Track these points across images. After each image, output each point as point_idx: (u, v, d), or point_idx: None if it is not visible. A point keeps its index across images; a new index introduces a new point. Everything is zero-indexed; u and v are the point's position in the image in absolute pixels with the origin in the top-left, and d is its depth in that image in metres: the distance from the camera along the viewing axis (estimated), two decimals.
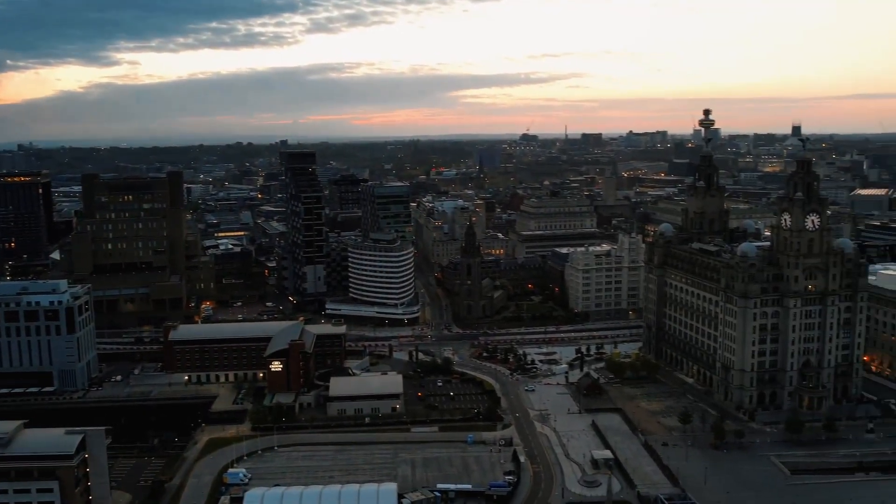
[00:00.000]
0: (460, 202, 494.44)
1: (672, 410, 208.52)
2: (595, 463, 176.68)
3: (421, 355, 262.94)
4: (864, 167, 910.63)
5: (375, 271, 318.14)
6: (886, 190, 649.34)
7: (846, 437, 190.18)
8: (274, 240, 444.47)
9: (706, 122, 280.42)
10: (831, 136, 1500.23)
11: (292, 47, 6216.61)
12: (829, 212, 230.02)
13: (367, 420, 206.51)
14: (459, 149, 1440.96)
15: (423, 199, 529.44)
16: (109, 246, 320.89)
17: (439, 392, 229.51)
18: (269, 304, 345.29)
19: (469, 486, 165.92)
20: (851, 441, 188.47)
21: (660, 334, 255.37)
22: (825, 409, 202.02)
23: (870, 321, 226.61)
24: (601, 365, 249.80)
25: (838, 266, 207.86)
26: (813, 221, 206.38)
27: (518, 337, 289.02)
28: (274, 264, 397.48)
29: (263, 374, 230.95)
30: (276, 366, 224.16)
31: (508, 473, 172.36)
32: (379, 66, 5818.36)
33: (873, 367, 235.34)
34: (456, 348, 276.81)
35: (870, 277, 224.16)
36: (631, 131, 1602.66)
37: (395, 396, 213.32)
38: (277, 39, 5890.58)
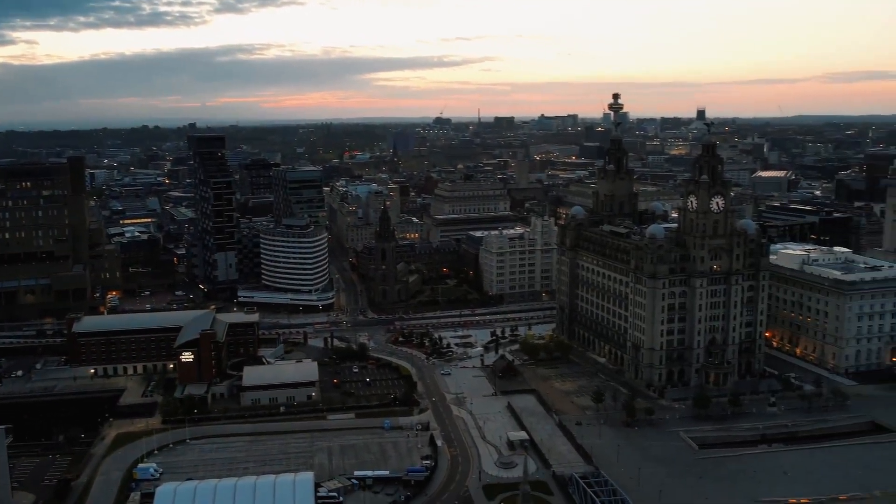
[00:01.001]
0: (374, 186, 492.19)
1: (585, 390, 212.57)
2: (511, 444, 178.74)
3: (336, 342, 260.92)
4: (765, 150, 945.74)
5: (289, 257, 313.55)
6: (785, 172, 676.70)
7: (750, 410, 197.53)
8: (183, 226, 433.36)
9: (615, 106, 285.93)
10: (734, 120, 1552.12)
11: (200, 28, 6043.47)
12: (732, 193, 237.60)
13: (282, 409, 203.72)
14: (373, 132, 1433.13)
15: (337, 184, 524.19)
16: (7, 235, 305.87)
17: (355, 378, 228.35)
18: (178, 292, 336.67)
19: (387, 473, 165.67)
20: (755, 414, 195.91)
21: (572, 315, 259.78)
22: (730, 385, 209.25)
23: (771, 299, 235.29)
24: (516, 347, 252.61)
25: (741, 246, 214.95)
26: (717, 203, 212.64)
27: (434, 321, 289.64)
28: (183, 252, 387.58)
29: (174, 365, 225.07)
30: (187, 356, 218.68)
31: (426, 458, 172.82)
32: (290, 48, 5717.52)
33: (774, 343, 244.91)
34: (371, 334, 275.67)
35: (771, 257, 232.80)
36: (543, 115, 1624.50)
37: (310, 384, 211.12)
38: (184, 19, 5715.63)
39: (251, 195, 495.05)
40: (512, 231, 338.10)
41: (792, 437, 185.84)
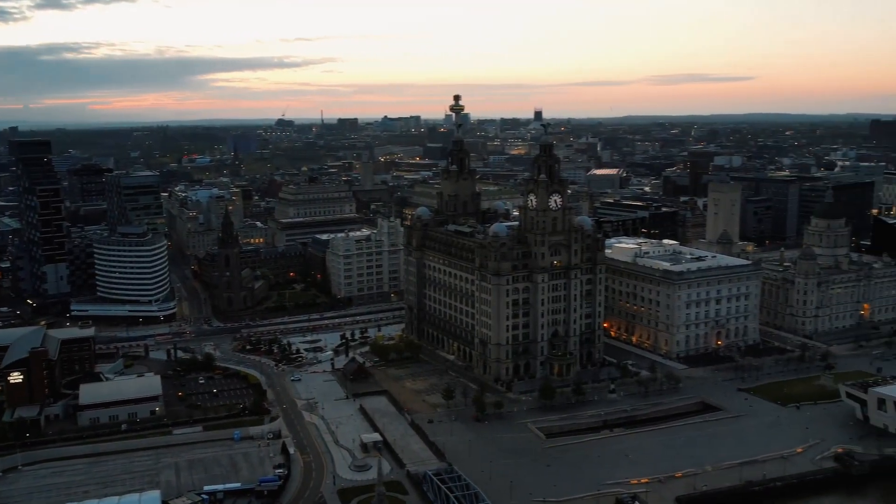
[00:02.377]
0: (215, 191, 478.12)
1: (436, 388, 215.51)
2: (365, 447, 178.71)
3: (180, 353, 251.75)
4: (598, 149, 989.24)
5: (126, 267, 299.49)
6: (617, 170, 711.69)
7: (592, 398, 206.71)
8: (6, 238, 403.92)
9: (457, 107, 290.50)
10: (569, 121, 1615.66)
11: (20, 24, 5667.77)
12: (569, 191, 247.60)
13: (123, 427, 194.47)
14: (212, 135, 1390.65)
15: (176, 189, 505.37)
16: None
17: (202, 390, 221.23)
18: (3, 308, 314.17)
19: (238, 485, 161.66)
20: (597, 402, 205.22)
21: (421, 315, 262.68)
22: (573, 375, 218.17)
23: (608, 291, 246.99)
24: (366, 349, 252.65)
25: (579, 242, 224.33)
26: (556, 201, 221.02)
27: (282, 326, 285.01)
28: (8, 265, 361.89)
29: (1, 387, 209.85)
30: (16, 377, 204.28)
31: (278, 467, 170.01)
32: (121, 47, 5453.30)
33: (612, 333, 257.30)
34: (217, 343, 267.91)
35: (606, 251, 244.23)
36: (386, 116, 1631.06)
37: (153, 399, 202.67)
38: (2, 15, 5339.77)
39: (82, 203, 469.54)
40: (358, 233, 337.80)
41: (631, 420, 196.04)
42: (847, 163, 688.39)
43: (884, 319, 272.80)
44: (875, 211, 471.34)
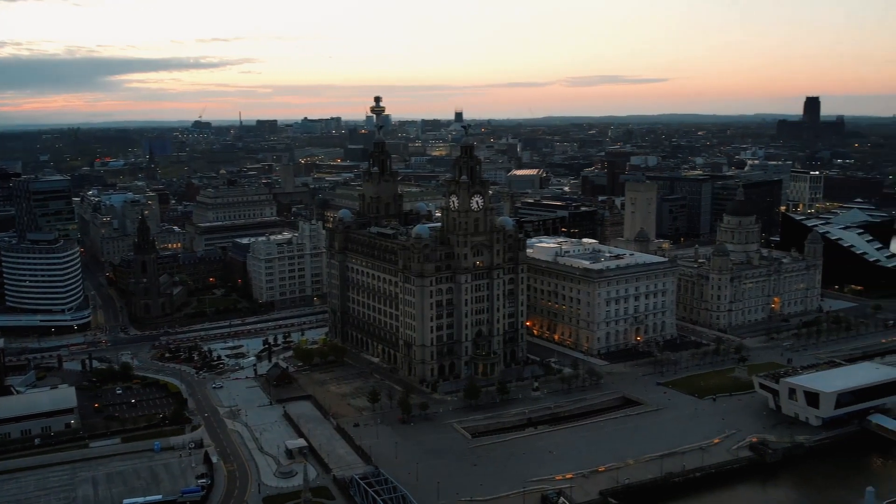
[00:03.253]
0: (130, 195, 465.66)
1: (361, 391, 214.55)
2: (290, 453, 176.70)
3: (96, 363, 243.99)
4: (518, 149, 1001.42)
5: (36, 276, 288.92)
6: (537, 170, 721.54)
7: (517, 396, 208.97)
8: None
9: (377, 108, 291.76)
10: (489, 122, 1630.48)
11: None
12: (490, 192, 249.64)
13: (36, 441, 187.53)
14: (127, 137, 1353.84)
15: (88, 193, 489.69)
16: None
17: (119, 401, 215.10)
18: None
19: (159, 497, 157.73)
20: (521, 400, 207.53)
21: (345, 318, 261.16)
22: (497, 374, 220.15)
23: (530, 290, 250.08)
24: (290, 354, 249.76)
25: (501, 242, 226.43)
26: (477, 202, 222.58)
27: (202, 333, 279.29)
28: None
29: None
30: None
31: (201, 477, 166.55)
32: (28, 47, 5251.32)
33: (535, 331, 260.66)
34: (135, 351, 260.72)
35: (528, 250, 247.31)
36: (306, 118, 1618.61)
37: (67, 411, 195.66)
38: None
39: None
40: (280, 236, 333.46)
41: (555, 417, 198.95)
42: (756, 162, 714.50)
43: (793, 312, 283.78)
44: (783, 208, 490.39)
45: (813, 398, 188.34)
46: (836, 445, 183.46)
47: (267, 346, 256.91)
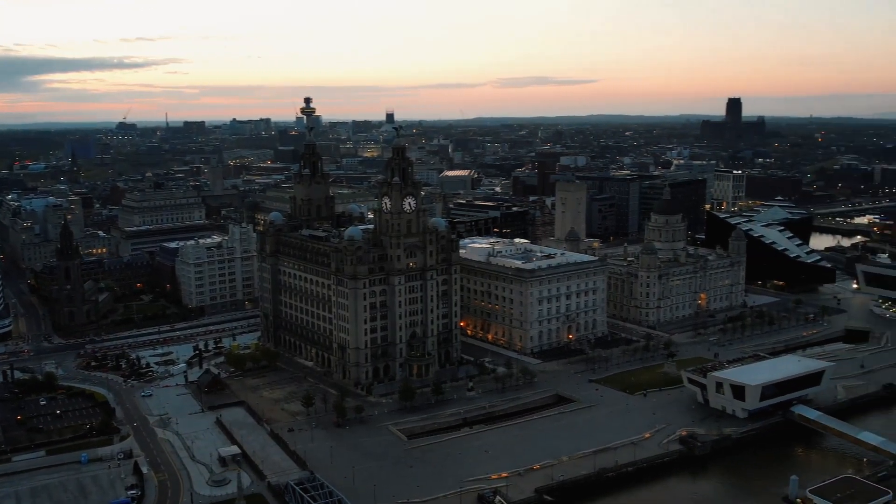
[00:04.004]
0: (52, 199, 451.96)
1: (295, 396, 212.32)
2: (223, 460, 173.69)
3: (18, 373, 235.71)
4: (450, 150, 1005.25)
5: None
6: (469, 171, 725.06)
7: (452, 397, 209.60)
8: None
9: (308, 109, 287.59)
10: (420, 123, 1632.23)
11: None
12: (423, 193, 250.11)
13: None
14: (48, 139, 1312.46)
15: (7, 198, 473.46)
16: None
17: (43, 412, 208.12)
18: None
19: None
20: (456, 400, 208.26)
21: (277, 322, 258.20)
22: (432, 375, 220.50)
23: (463, 290, 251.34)
24: (221, 360, 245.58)
25: (434, 243, 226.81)
26: (410, 204, 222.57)
27: (130, 340, 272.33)
28: None
29: None
30: None
31: (131, 488, 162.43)
32: None
33: (469, 331, 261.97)
34: (59, 361, 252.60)
35: (460, 251, 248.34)
36: (235, 119, 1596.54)
37: None
38: None
39: None
40: (209, 240, 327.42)
41: (490, 417, 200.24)
42: (681, 161, 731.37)
43: (718, 308, 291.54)
44: (707, 206, 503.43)
45: (739, 391, 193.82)
46: (761, 436, 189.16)
47: (197, 352, 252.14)
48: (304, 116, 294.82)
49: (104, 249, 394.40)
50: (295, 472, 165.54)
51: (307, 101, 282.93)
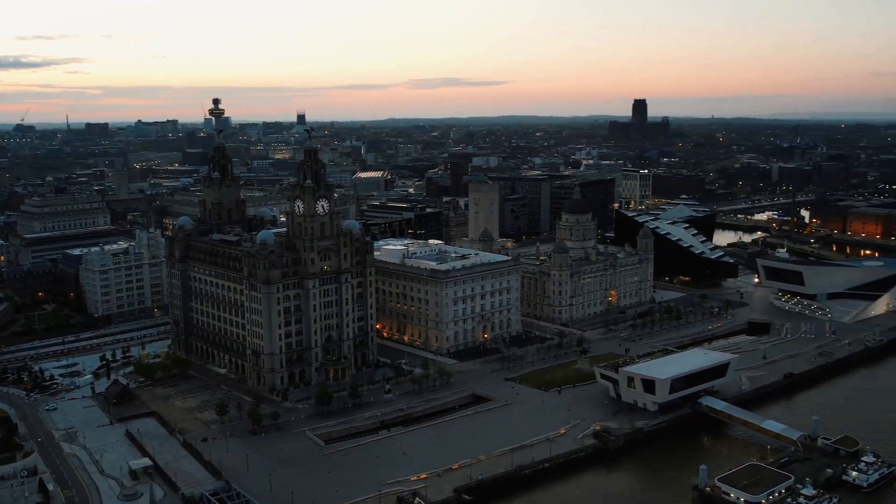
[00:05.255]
0: None
1: (208, 404, 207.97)
2: (134, 474, 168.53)
3: None
4: (363, 152, 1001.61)
5: None
6: (382, 172, 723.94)
7: (369, 400, 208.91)
8: None
9: (216, 111, 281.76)
10: (332, 124, 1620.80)
11: None
12: (336, 195, 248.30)
13: None
14: None
15: None
16: None
17: None
18: None
19: None
20: (373, 403, 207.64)
21: (188, 329, 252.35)
22: (349, 379, 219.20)
23: (378, 292, 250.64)
24: (130, 369, 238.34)
25: (348, 246, 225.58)
26: (323, 206, 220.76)
27: (32, 352, 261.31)
28: None
29: None
30: None
31: None
32: None
33: (385, 333, 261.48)
34: None
35: (375, 253, 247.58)
36: (140, 120, 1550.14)
37: None
38: None
39: None
40: (115, 246, 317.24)
41: (408, 419, 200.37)
42: (590, 161, 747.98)
43: (628, 304, 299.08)
44: (616, 205, 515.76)
45: (649, 385, 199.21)
46: (671, 428, 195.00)
47: (105, 362, 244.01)
48: (213, 118, 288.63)
49: (2, 258, 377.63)
50: (210, 482, 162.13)
51: (216, 101, 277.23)
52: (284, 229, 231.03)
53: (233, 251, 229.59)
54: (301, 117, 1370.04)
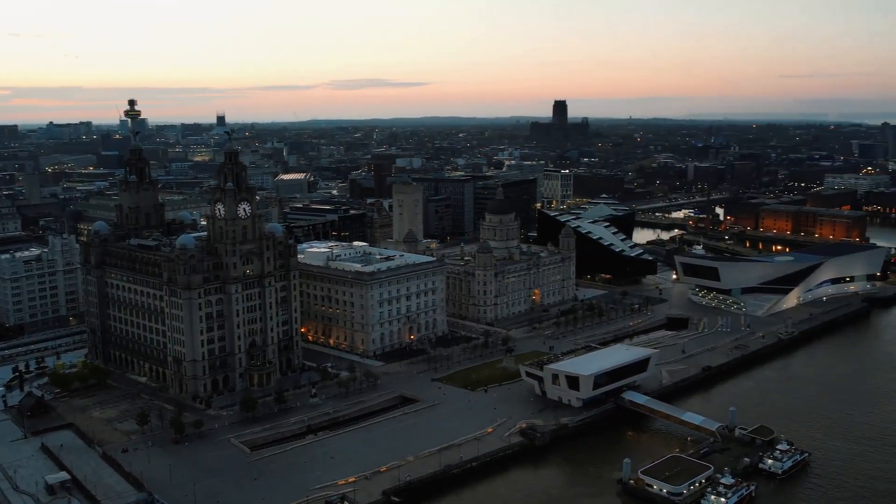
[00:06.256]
0: None
1: (129, 414, 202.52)
2: (50, 489, 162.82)
3: None
4: (285, 153, 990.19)
5: None
6: (305, 174, 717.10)
7: (295, 405, 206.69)
8: None
9: (132, 112, 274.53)
10: (253, 125, 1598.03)
11: None
12: (258, 198, 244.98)
13: None
14: None
15: None
16: None
17: None
18: None
19: None
20: (300, 408, 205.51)
21: (106, 337, 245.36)
22: (274, 384, 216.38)
23: (303, 296, 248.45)
24: (45, 380, 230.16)
25: (271, 249, 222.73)
26: (245, 209, 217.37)
27: None
28: None
29: None
30: None
31: None
32: None
33: (310, 337, 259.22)
34: None
35: (299, 256, 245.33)
36: (52, 122, 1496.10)
37: None
38: None
39: None
40: (27, 253, 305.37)
41: (335, 422, 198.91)
42: (513, 162, 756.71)
43: (552, 302, 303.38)
44: (538, 205, 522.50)
45: (573, 381, 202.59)
46: (596, 423, 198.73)
47: (18, 373, 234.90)
48: (129, 119, 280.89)
49: None
50: (131, 494, 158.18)
51: (132, 103, 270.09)
52: (205, 233, 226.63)
53: (152, 256, 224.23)
54: (221, 119, 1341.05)
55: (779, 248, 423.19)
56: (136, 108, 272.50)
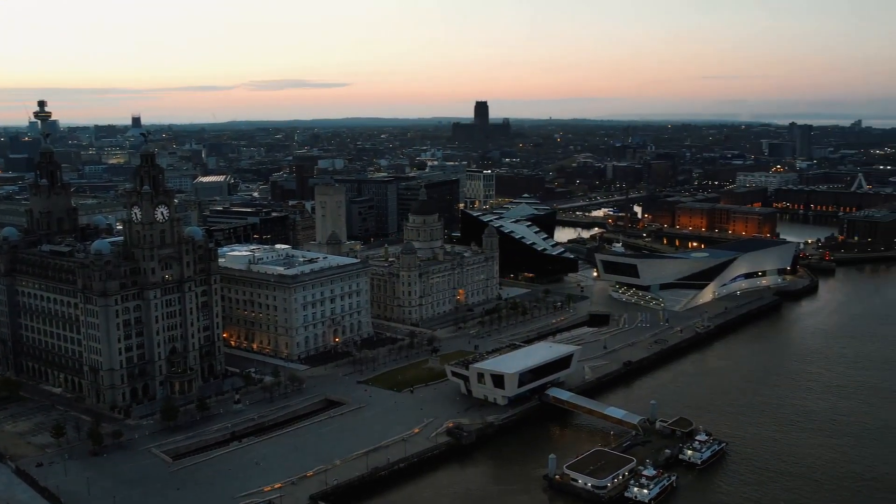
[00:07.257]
0: None
1: (43, 427, 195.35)
2: None
3: None
4: (203, 155, 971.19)
5: None
6: (225, 176, 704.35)
7: (218, 412, 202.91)
8: None
9: (42, 114, 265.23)
10: (170, 127, 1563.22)
11: None
12: (176, 201, 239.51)
13: None
14: None
15: None
16: None
17: None
18: None
19: None
20: (223, 414, 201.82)
21: (17, 348, 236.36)
22: (196, 391, 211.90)
23: (224, 300, 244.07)
24: None
25: (191, 253, 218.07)
26: (162, 213, 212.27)
27: None
28: None
29: None
30: None
31: None
32: None
33: (232, 342, 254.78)
34: None
35: (220, 260, 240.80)
36: None
37: None
38: None
39: None
40: None
41: (260, 428, 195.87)
42: (435, 162, 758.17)
43: (476, 302, 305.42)
44: (461, 205, 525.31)
45: (498, 380, 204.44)
46: (521, 421, 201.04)
47: None
48: (39, 121, 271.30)
49: None
50: None
51: (41, 104, 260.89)
52: (121, 238, 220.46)
53: (65, 263, 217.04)
54: (136, 120, 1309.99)
55: (694, 244, 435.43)
56: (47, 109, 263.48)
